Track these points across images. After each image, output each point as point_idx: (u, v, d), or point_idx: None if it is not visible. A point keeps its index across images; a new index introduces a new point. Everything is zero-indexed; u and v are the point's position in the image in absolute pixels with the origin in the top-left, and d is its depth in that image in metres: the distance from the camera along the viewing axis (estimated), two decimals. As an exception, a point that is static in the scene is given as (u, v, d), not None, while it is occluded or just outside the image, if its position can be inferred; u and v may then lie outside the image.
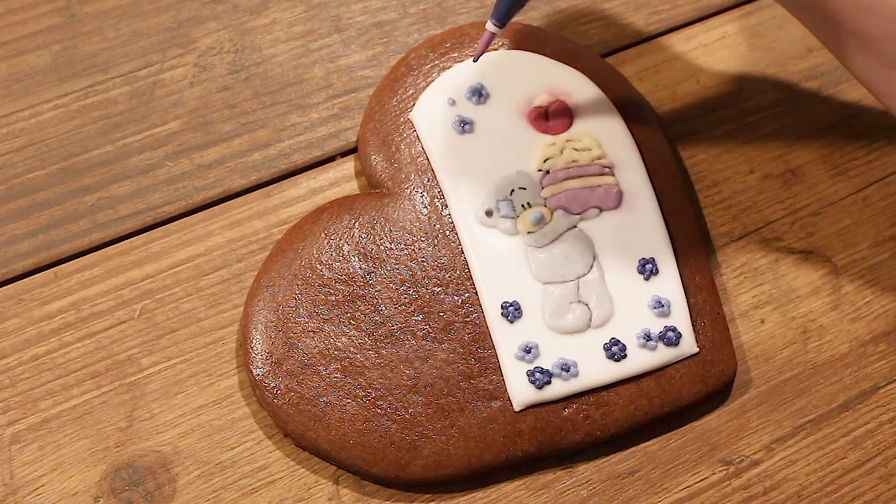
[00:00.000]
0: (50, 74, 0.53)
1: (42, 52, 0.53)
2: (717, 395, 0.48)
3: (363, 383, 0.46)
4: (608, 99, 0.51)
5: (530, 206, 0.48)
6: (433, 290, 0.47)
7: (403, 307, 0.47)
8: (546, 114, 0.50)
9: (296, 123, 0.53)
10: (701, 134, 0.54)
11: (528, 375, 0.46)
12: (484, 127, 0.50)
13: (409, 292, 0.47)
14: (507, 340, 0.46)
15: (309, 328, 0.46)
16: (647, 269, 0.48)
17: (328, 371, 0.46)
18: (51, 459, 0.45)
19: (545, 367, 0.46)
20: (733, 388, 0.49)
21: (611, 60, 0.55)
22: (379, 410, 0.45)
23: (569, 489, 0.47)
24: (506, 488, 0.47)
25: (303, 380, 0.46)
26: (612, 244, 0.48)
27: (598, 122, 0.50)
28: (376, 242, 0.48)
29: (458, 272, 0.48)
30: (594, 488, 0.47)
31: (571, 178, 0.49)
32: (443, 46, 0.52)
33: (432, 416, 0.46)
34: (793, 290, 0.51)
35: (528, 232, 0.48)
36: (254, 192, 0.51)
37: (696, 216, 0.52)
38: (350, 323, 0.47)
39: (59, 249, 0.49)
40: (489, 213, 0.48)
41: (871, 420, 0.49)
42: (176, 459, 0.46)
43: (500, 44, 0.52)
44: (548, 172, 0.49)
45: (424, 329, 0.47)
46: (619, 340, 0.47)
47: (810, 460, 0.48)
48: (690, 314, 0.48)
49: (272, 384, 0.46)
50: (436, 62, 0.52)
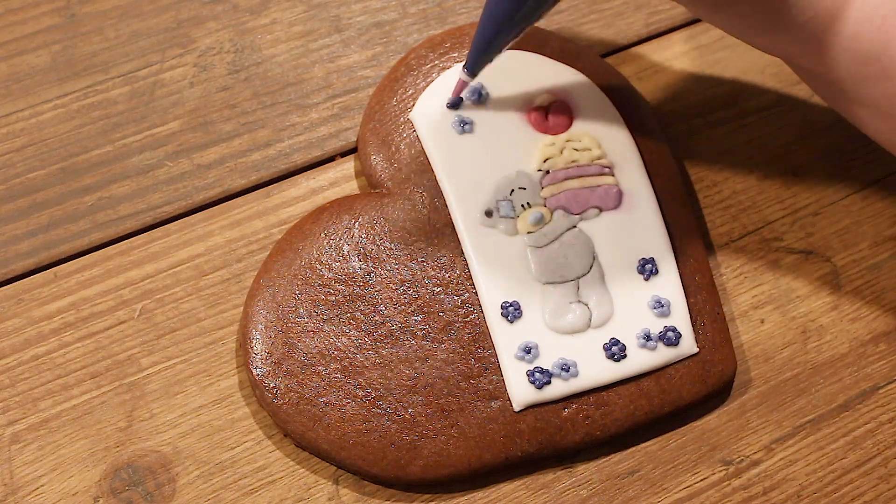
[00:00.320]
0: (50, 74, 0.53)
1: (42, 52, 0.53)
2: (716, 395, 0.48)
3: (363, 383, 0.46)
4: (608, 99, 0.51)
5: (530, 206, 0.48)
6: (433, 290, 0.47)
7: (403, 307, 0.47)
8: (546, 114, 0.50)
9: (296, 123, 0.53)
10: (701, 134, 0.54)
11: (528, 375, 0.46)
12: (484, 127, 0.50)
13: (409, 292, 0.47)
14: (506, 340, 0.46)
15: (309, 328, 0.46)
16: (647, 269, 0.48)
17: (328, 371, 0.46)
18: (51, 459, 0.45)
19: (545, 367, 0.46)
20: (733, 388, 0.49)
21: (611, 60, 0.55)
22: (379, 410, 0.45)
23: (569, 489, 0.47)
24: (505, 488, 0.47)
25: (302, 380, 0.46)
26: (612, 244, 0.48)
27: (598, 122, 0.50)
28: (376, 242, 0.48)
29: (457, 272, 0.48)
30: (594, 488, 0.47)
31: (571, 178, 0.49)
32: (443, 46, 0.52)
33: (432, 416, 0.46)
34: (792, 290, 0.51)
35: (528, 232, 0.48)
36: (254, 192, 0.51)
37: (696, 216, 0.52)
38: (350, 323, 0.47)
39: (59, 249, 0.49)
40: (489, 213, 0.48)
41: (871, 420, 0.49)
42: (176, 459, 0.46)
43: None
44: (548, 172, 0.49)
45: (424, 329, 0.47)
46: (618, 340, 0.47)
47: (810, 460, 0.48)
48: (690, 314, 0.48)
49: (272, 384, 0.46)
50: (436, 62, 0.51)
